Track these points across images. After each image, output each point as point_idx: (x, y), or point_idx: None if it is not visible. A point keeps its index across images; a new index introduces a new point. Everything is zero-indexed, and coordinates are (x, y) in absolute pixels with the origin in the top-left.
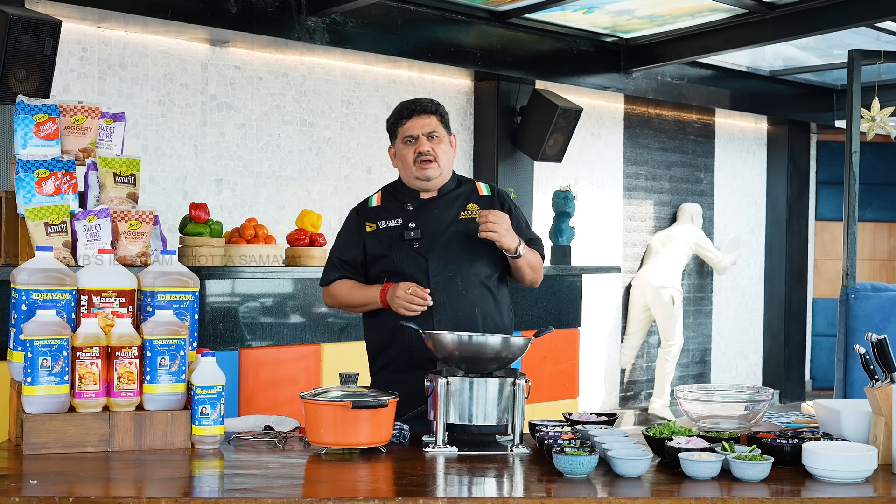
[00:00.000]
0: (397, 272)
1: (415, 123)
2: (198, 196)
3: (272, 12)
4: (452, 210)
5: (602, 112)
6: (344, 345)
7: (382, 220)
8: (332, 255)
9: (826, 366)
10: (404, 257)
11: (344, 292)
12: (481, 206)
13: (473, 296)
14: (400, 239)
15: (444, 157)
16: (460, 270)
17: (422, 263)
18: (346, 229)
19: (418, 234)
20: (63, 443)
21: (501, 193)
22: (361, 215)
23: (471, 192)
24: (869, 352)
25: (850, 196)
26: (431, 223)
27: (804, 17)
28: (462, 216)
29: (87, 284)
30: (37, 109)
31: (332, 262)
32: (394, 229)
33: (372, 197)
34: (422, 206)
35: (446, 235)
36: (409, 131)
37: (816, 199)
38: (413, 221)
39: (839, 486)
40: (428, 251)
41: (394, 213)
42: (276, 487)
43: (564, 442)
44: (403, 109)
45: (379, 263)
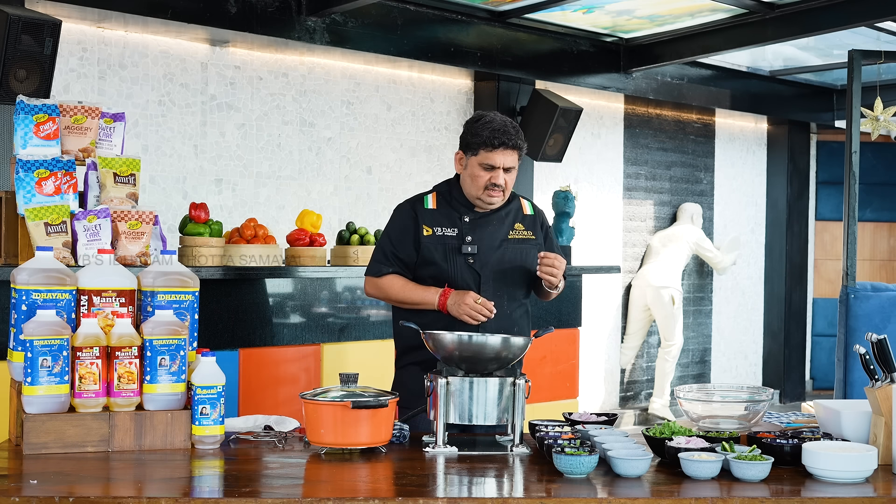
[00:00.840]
0: (449, 282)
1: (500, 156)
2: (198, 196)
3: (272, 12)
4: (504, 228)
5: (602, 112)
6: (344, 345)
7: (439, 227)
8: (385, 247)
9: (826, 366)
10: (458, 269)
11: (397, 288)
12: (526, 227)
13: (515, 315)
14: (456, 251)
15: (511, 185)
16: (507, 290)
17: (475, 278)
18: (401, 225)
19: (474, 250)
20: (63, 443)
21: (542, 215)
22: (419, 215)
23: (517, 210)
24: (869, 352)
25: (850, 196)
26: (486, 239)
27: (804, 17)
28: (511, 235)
29: (87, 284)
30: (37, 109)
31: (384, 255)
32: (450, 239)
33: (427, 197)
34: (477, 219)
35: (498, 254)
36: (492, 161)
37: (816, 199)
38: (469, 234)
39: (839, 486)
40: (482, 267)
41: (450, 221)
42: (276, 487)
43: (564, 442)
44: (494, 138)
45: (430, 269)
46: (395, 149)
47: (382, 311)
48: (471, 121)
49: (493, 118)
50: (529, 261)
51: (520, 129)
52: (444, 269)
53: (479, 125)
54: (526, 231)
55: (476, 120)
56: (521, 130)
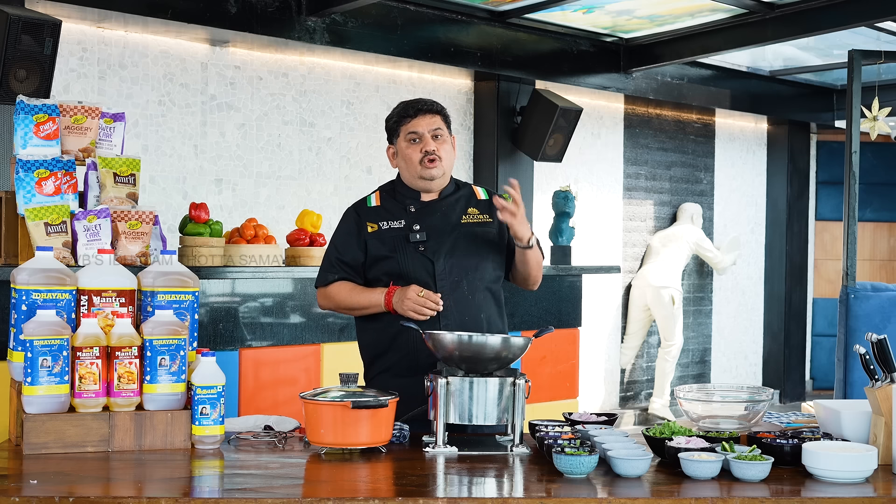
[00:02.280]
0: (402, 275)
1: (420, 122)
2: (198, 196)
3: (272, 12)
4: (455, 213)
5: (602, 112)
6: (344, 345)
7: (384, 221)
8: (330, 255)
9: (826, 366)
10: (409, 260)
11: (344, 295)
12: (481, 210)
13: (479, 300)
14: (404, 241)
15: (447, 157)
16: (466, 274)
17: (428, 267)
18: (344, 229)
19: (424, 237)
20: (63, 443)
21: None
22: (361, 215)
23: (469, 196)
24: (869, 352)
25: (850, 196)
26: (436, 225)
27: (804, 17)
28: (465, 220)
29: (87, 284)
30: (37, 109)
31: (329, 263)
32: (397, 231)
33: (370, 196)
34: (424, 207)
35: (451, 238)
36: (415, 128)
37: (816, 199)
38: (417, 223)
39: (839, 486)
40: (434, 254)
41: (395, 214)
42: (276, 487)
43: (564, 442)
44: (408, 108)
45: (381, 266)
46: None
47: None
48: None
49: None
50: (488, 243)
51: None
52: (395, 261)
53: (392, 112)
54: (482, 215)
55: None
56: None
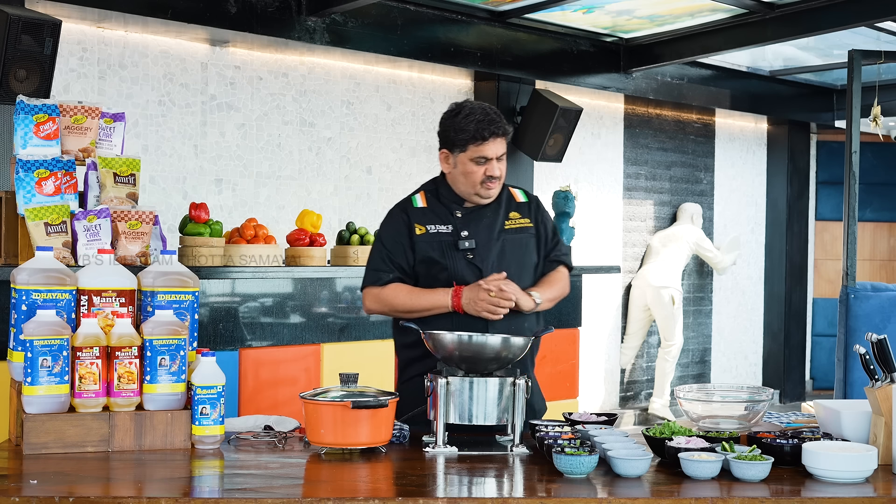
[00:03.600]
0: (449, 280)
1: (490, 147)
2: (198, 196)
3: (272, 12)
4: (499, 219)
5: (602, 112)
6: (344, 345)
7: (432, 225)
8: (381, 254)
9: (826, 366)
10: (458, 265)
11: (402, 297)
12: (522, 214)
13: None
14: (453, 247)
15: (504, 173)
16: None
17: (476, 274)
18: (393, 229)
19: (472, 244)
20: (63, 443)
21: (535, 199)
22: (410, 215)
23: (509, 199)
24: (869, 352)
25: (850, 196)
26: (483, 232)
27: (804, 17)
28: (507, 225)
29: (87, 284)
30: (37, 109)
31: (381, 262)
32: (445, 236)
33: (415, 197)
34: (469, 213)
35: (497, 245)
36: (484, 153)
37: (816, 199)
38: (465, 230)
39: (839, 486)
40: (482, 262)
41: (442, 218)
42: (276, 487)
43: (564, 442)
44: (482, 130)
45: (430, 270)
46: (395, 149)
47: None
48: (449, 115)
49: (473, 108)
50: (530, 250)
51: (501, 114)
52: (444, 266)
53: (460, 119)
54: (522, 219)
55: (455, 114)
56: (502, 115)
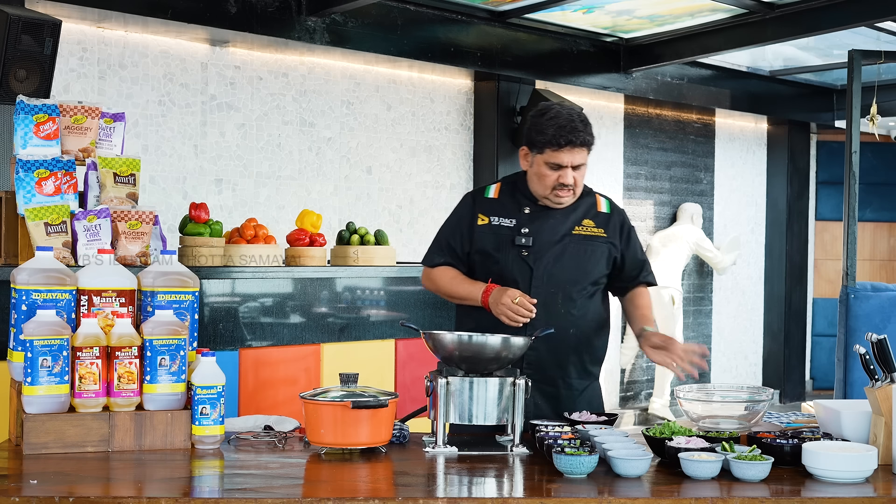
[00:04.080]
0: (500, 274)
1: (567, 155)
2: (198, 196)
3: (272, 12)
4: (568, 222)
5: (602, 112)
6: (344, 345)
7: (496, 217)
8: (441, 236)
9: (826, 366)
10: (511, 261)
11: (446, 280)
12: (598, 224)
13: (570, 316)
14: (510, 242)
15: (581, 182)
16: (563, 287)
17: (526, 272)
18: (457, 214)
19: (529, 242)
20: (63, 443)
21: (622, 214)
22: (477, 204)
23: (590, 206)
24: (869, 352)
25: (850, 196)
26: (545, 232)
27: (804, 17)
28: (576, 231)
29: (87, 284)
30: (37, 109)
31: (438, 244)
32: (506, 229)
33: (490, 187)
34: (539, 211)
35: (557, 248)
36: (559, 161)
37: (816, 199)
38: (527, 226)
39: (839, 486)
40: (535, 261)
41: (509, 211)
42: (276, 487)
43: (564, 442)
44: (560, 137)
45: (483, 260)
46: (395, 149)
47: (382, 311)
48: (536, 115)
49: (559, 112)
50: (595, 259)
51: (589, 123)
52: (497, 259)
53: (544, 120)
54: (596, 228)
55: (541, 114)
56: (590, 124)
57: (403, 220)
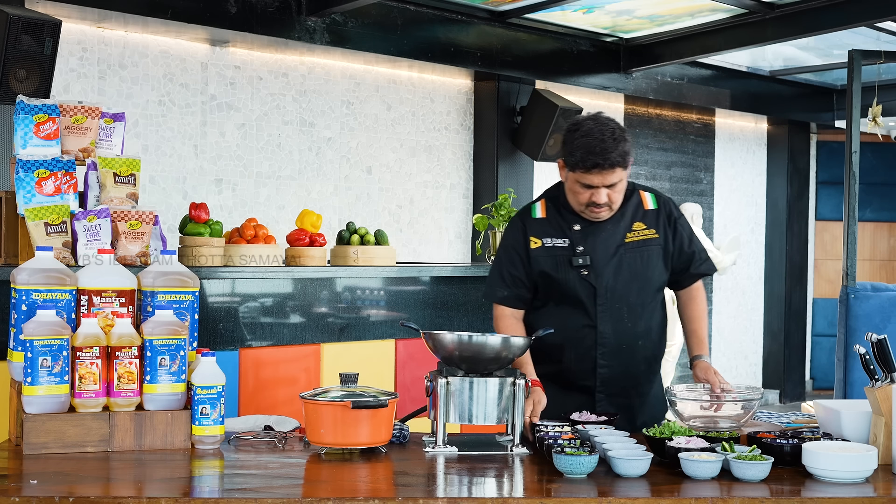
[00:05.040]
0: (564, 296)
1: (597, 178)
2: (198, 196)
3: (272, 12)
4: (619, 231)
5: (602, 112)
6: (344, 345)
7: (548, 238)
8: (498, 267)
9: (826, 366)
10: (572, 281)
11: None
12: (648, 225)
13: (638, 328)
14: (567, 263)
15: (618, 199)
16: (627, 301)
17: (590, 291)
18: (510, 240)
19: (587, 261)
20: (63, 443)
21: (668, 206)
22: (527, 227)
23: (637, 206)
24: (869, 352)
25: (850, 196)
26: (599, 248)
27: (804, 17)
28: (629, 238)
29: (87, 284)
30: (37, 109)
31: (500, 276)
32: (560, 249)
33: (535, 206)
34: (588, 226)
35: (614, 261)
36: (588, 182)
37: (816, 199)
38: (580, 244)
39: (839, 486)
40: (597, 279)
41: (560, 230)
42: (276, 487)
43: (564, 442)
44: (587, 160)
45: (545, 280)
46: (395, 149)
47: (382, 311)
48: (569, 130)
49: (591, 130)
50: (653, 265)
51: (623, 139)
52: (558, 281)
53: (574, 139)
54: (647, 230)
55: (573, 130)
56: (624, 140)
57: (403, 220)
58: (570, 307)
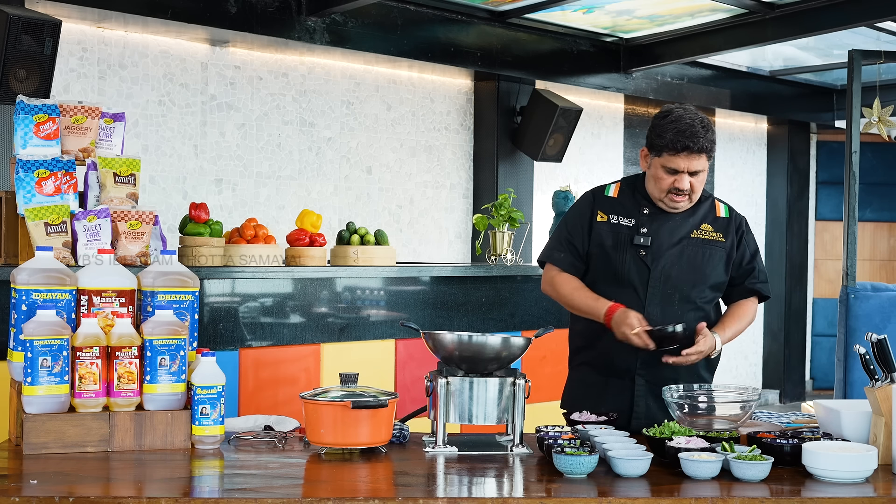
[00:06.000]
0: (616, 274)
1: (684, 161)
2: (198, 196)
3: (272, 12)
4: (687, 225)
5: (602, 112)
6: (344, 345)
7: (615, 215)
8: (560, 233)
9: (826, 366)
10: (628, 260)
11: (568, 289)
12: (716, 228)
13: (688, 319)
14: (629, 241)
15: (699, 188)
16: (680, 290)
17: (644, 272)
18: (577, 211)
19: (647, 242)
20: (63, 443)
21: (739, 218)
22: (597, 202)
23: (709, 211)
24: (869, 352)
25: (850, 196)
26: (663, 234)
27: (804, 17)
28: (694, 234)
29: (87, 284)
30: (37, 109)
31: (559, 240)
32: (625, 228)
33: (610, 186)
34: (659, 212)
35: (675, 250)
36: (675, 165)
37: (816, 199)
38: (646, 227)
39: (839, 486)
40: (652, 262)
41: (629, 211)
42: (276, 487)
43: (564, 442)
44: (678, 142)
45: (601, 255)
46: (395, 149)
47: (382, 311)
48: (658, 116)
49: (681, 116)
50: (713, 264)
51: (711, 129)
52: (614, 258)
53: (664, 123)
54: (715, 233)
55: (663, 116)
56: (712, 130)
57: (403, 220)
58: (620, 286)
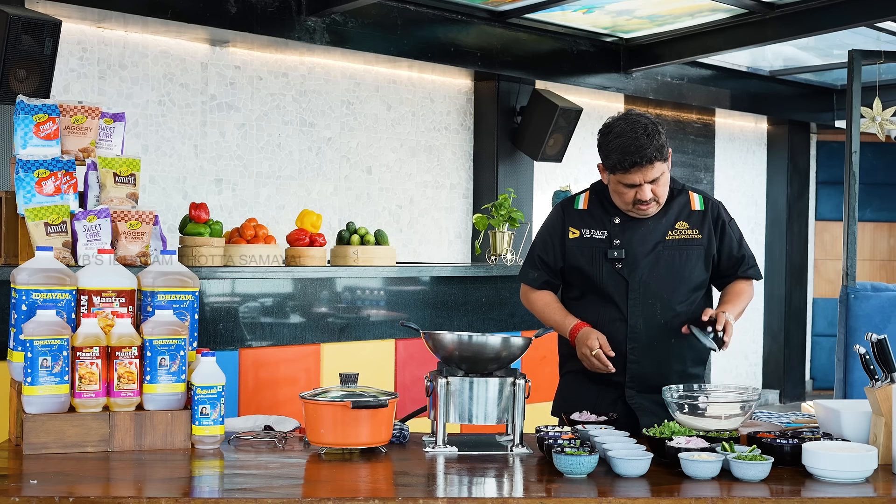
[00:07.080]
0: (596, 289)
1: (637, 176)
2: (198, 196)
3: (272, 12)
4: (660, 228)
5: (602, 112)
6: (344, 345)
7: (587, 229)
8: (533, 252)
9: (826, 366)
10: (605, 275)
11: (540, 305)
12: (692, 224)
13: (672, 325)
14: (603, 255)
15: (663, 191)
16: (661, 297)
17: (622, 285)
18: (548, 227)
19: (622, 255)
20: (63, 443)
21: (717, 209)
22: (567, 216)
23: (683, 206)
24: (869, 352)
25: (850, 196)
26: (637, 242)
27: (804, 17)
28: (670, 236)
29: (87, 284)
30: (37, 109)
31: (532, 259)
32: (597, 242)
33: (579, 197)
34: (629, 220)
35: (650, 258)
36: (630, 181)
37: (816, 199)
38: (618, 238)
39: (839, 486)
40: (629, 274)
41: (599, 222)
42: (276, 487)
43: (564, 442)
44: (624, 161)
45: (576, 274)
46: (395, 149)
47: (382, 312)
48: (601, 133)
49: (623, 130)
50: (691, 265)
51: (656, 133)
52: (591, 274)
53: (608, 141)
54: (690, 230)
55: (605, 133)
56: (658, 133)
57: (403, 220)
58: (602, 300)
